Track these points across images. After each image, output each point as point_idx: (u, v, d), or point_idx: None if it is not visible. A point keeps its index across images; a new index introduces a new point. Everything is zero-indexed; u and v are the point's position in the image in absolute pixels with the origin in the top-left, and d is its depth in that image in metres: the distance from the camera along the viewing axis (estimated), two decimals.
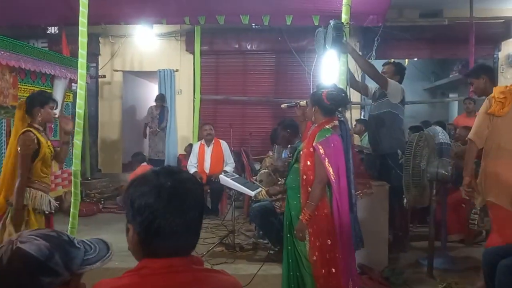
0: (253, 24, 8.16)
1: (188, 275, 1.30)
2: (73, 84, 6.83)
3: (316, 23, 6.76)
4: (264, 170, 6.08)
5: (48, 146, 3.60)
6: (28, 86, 6.13)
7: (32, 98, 3.65)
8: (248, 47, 9.18)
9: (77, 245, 1.33)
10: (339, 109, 3.63)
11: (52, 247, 1.27)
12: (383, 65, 5.09)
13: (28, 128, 3.49)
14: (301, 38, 8.56)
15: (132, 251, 1.35)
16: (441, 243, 4.61)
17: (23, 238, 1.26)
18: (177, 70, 9.32)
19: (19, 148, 3.41)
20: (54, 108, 3.65)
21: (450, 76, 10.48)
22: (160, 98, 9.05)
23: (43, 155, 3.50)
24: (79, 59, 5.20)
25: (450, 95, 11.79)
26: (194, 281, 1.31)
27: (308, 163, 3.04)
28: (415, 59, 9.98)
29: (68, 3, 6.76)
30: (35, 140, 3.45)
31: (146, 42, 9.26)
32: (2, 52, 5.44)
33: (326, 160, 2.97)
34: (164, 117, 9.05)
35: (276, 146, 6.37)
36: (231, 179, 5.00)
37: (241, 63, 9.42)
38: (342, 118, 3.94)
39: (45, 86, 6.48)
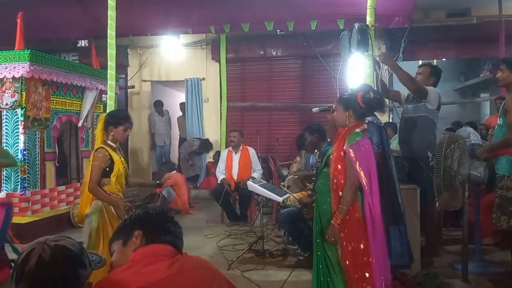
0: (277, 30, 8.19)
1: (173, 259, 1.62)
2: (103, 95, 6.99)
3: (341, 27, 6.75)
4: (292, 176, 6.08)
5: (122, 162, 3.66)
6: (60, 98, 6.32)
7: (109, 116, 3.75)
8: (273, 53, 9.21)
9: None
10: (375, 112, 3.59)
11: (80, 244, 1.39)
12: (419, 66, 4.98)
13: (101, 146, 3.61)
14: (326, 42, 8.54)
15: (120, 261, 1.63)
16: (475, 247, 4.49)
17: (54, 238, 1.36)
18: (203, 79, 9.43)
19: (91, 161, 3.56)
20: (129, 129, 3.72)
21: (481, 75, 10.25)
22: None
23: (117, 171, 3.59)
24: (109, 71, 5.34)
25: (481, 95, 11.52)
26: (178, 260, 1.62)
27: (339, 167, 3.01)
28: (443, 59, 9.81)
29: (95, 17, 6.96)
30: (108, 156, 3.55)
31: (173, 52, 9.41)
32: (35, 66, 5.63)
33: (357, 163, 2.94)
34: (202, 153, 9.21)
35: (304, 151, 6.35)
36: (259, 185, 5.00)
37: (266, 70, 9.46)
38: (382, 125, 3.90)
39: (77, 98, 6.66)
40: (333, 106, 3.60)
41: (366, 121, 3.66)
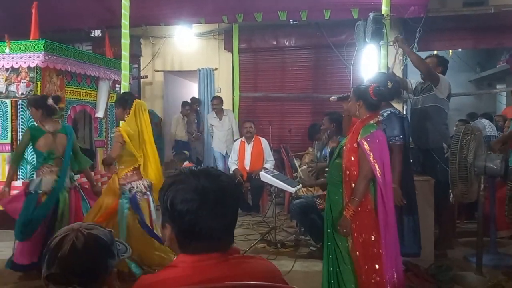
0: (290, 20, 8.13)
1: (224, 266, 1.25)
2: (116, 85, 7.01)
3: (355, 16, 6.68)
4: (304, 167, 6.06)
5: None
6: (74, 88, 6.35)
7: None
8: (286, 43, 9.14)
9: None
10: (393, 101, 3.57)
11: (111, 234, 1.42)
12: (426, 58, 4.96)
13: None
14: (340, 32, 8.44)
15: (169, 246, 1.31)
16: (490, 239, 4.45)
17: (87, 226, 1.39)
18: (216, 69, 9.41)
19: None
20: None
21: (497, 66, 10.08)
22: (197, 102, 9.11)
23: None
24: (122, 61, 5.35)
25: (497, 86, 11.33)
26: (230, 269, 1.25)
27: (352, 158, 3.00)
28: (459, 49, 9.65)
29: (109, 6, 6.97)
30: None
31: (186, 42, 9.40)
32: (50, 56, 5.66)
33: (371, 155, 2.93)
34: (201, 120, 9.16)
35: (316, 142, 6.32)
36: (271, 175, 5.01)
37: (279, 60, 9.39)
38: (404, 116, 3.89)
39: (90, 88, 6.69)
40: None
41: (386, 113, 3.65)
